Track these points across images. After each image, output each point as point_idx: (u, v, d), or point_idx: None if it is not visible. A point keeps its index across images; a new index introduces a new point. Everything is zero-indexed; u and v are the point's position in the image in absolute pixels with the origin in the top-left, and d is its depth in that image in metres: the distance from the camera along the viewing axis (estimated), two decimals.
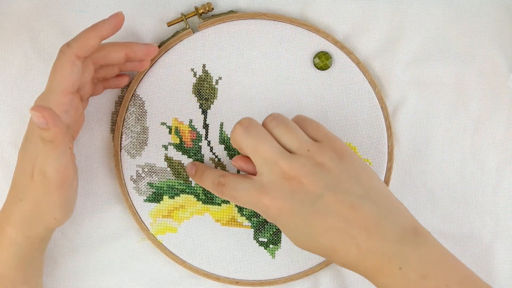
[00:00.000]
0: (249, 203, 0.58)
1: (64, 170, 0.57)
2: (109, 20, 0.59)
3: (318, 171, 0.56)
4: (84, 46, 0.58)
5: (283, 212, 0.56)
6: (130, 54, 0.62)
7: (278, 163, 0.56)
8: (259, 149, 0.57)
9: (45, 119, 0.53)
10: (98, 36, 0.58)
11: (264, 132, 0.58)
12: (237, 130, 0.58)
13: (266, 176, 0.57)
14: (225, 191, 0.60)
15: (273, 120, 0.59)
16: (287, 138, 0.57)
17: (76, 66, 0.58)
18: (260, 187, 0.57)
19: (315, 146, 0.57)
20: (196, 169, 0.65)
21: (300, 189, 0.56)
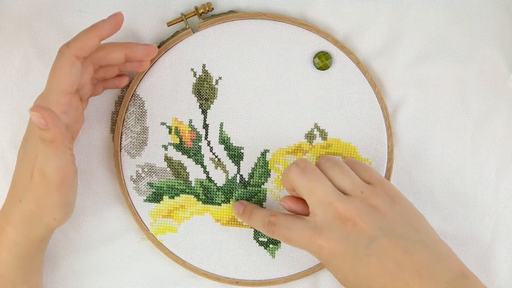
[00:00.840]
0: (302, 244, 0.58)
1: (64, 171, 0.57)
2: (109, 20, 0.59)
3: (372, 213, 0.56)
4: (83, 46, 0.58)
5: (337, 254, 0.56)
6: (129, 55, 0.61)
7: (334, 204, 0.57)
8: (314, 190, 0.57)
9: (44, 119, 0.53)
10: (98, 36, 0.58)
11: (319, 173, 0.58)
12: (293, 171, 0.59)
13: (321, 217, 0.57)
14: (276, 231, 0.60)
15: (327, 161, 0.60)
16: (342, 179, 0.58)
17: (75, 66, 0.58)
18: (314, 228, 0.57)
19: (368, 189, 0.58)
20: (244, 208, 0.65)
21: (354, 230, 0.56)
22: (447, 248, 0.57)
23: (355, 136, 0.66)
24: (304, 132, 0.67)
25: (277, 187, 0.67)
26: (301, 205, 0.61)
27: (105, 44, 0.61)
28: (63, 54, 0.58)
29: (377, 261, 0.55)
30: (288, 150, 0.67)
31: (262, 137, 0.67)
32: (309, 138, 0.67)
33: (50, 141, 0.55)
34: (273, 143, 0.67)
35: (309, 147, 0.67)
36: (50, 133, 0.54)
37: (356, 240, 0.56)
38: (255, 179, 0.67)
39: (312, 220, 0.58)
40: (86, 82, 0.61)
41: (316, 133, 0.67)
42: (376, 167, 0.66)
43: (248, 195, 0.67)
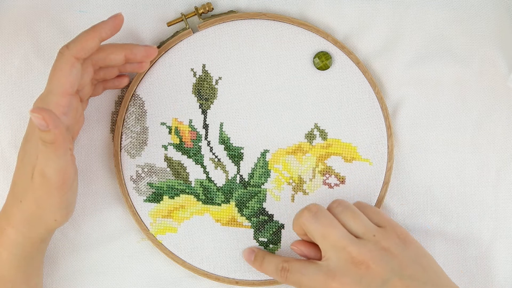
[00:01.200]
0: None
1: (64, 171, 0.57)
2: (109, 22, 0.59)
3: (384, 255, 0.57)
4: (83, 47, 0.58)
5: None
6: (129, 56, 0.61)
7: (347, 249, 0.57)
8: (327, 235, 0.58)
9: (45, 121, 0.53)
10: (98, 37, 0.58)
11: (331, 217, 0.59)
12: (305, 215, 0.59)
13: (334, 261, 0.57)
14: (289, 276, 0.60)
15: (338, 206, 0.60)
16: (354, 223, 0.59)
17: (75, 67, 0.58)
18: (328, 272, 0.57)
19: (380, 232, 0.58)
20: (256, 255, 0.65)
21: (368, 273, 0.56)
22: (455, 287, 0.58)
23: (355, 136, 0.66)
24: (304, 132, 0.67)
25: (277, 187, 0.67)
26: (313, 250, 0.61)
27: (105, 45, 0.61)
28: (63, 55, 0.58)
29: None
30: (288, 150, 0.67)
31: (262, 137, 0.67)
32: (309, 138, 0.67)
33: (51, 142, 0.55)
34: (273, 143, 0.67)
35: (309, 147, 0.67)
36: (51, 134, 0.54)
37: (370, 283, 0.56)
38: (255, 179, 0.67)
39: (325, 265, 0.58)
40: (86, 83, 0.61)
41: (316, 133, 0.67)
42: (376, 167, 0.66)
43: (248, 195, 0.67)
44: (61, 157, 0.56)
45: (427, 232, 0.67)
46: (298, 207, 0.66)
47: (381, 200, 0.66)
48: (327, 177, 0.67)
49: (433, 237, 0.67)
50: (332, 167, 0.67)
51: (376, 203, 0.66)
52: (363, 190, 0.66)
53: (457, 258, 0.67)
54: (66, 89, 0.58)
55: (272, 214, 0.67)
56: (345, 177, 0.67)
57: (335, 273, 0.57)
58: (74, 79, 0.58)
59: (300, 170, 0.67)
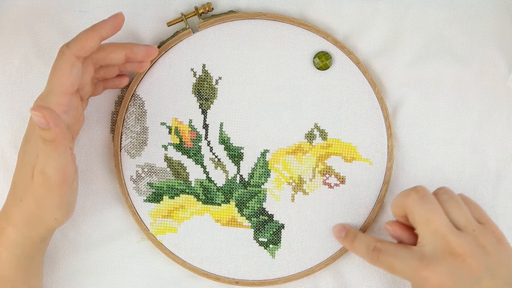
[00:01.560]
0: (407, 273, 0.58)
1: (64, 170, 0.57)
2: (109, 21, 0.59)
3: (481, 252, 0.56)
4: (83, 46, 0.58)
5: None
6: (130, 55, 0.61)
7: (447, 238, 0.56)
8: (430, 220, 0.57)
9: (45, 119, 0.53)
10: (98, 36, 0.58)
11: (437, 204, 0.58)
12: (412, 197, 0.58)
13: (430, 248, 0.57)
14: (381, 258, 0.59)
15: (444, 194, 0.59)
16: (457, 214, 0.58)
17: (75, 67, 0.58)
18: (422, 258, 0.57)
19: (479, 228, 0.58)
20: (347, 232, 0.64)
21: (463, 267, 0.56)
22: None
23: (355, 136, 0.66)
24: (304, 132, 0.67)
25: (277, 187, 0.67)
26: (408, 234, 0.60)
27: (106, 44, 0.61)
28: (63, 54, 0.58)
29: None
30: (288, 150, 0.67)
31: (262, 137, 0.67)
32: (309, 138, 0.67)
33: (51, 140, 0.55)
34: (273, 143, 0.67)
35: (309, 147, 0.67)
36: (51, 132, 0.54)
37: (463, 277, 0.56)
38: (255, 179, 0.67)
39: (421, 251, 0.57)
40: (86, 82, 0.61)
41: (316, 133, 0.67)
42: (376, 167, 0.66)
43: (248, 195, 0.67)
44: (61, 156, 0.56)
45: None
46: (298, 207, 0.67)
47: (381, 200, 0.66)
48: (327, 177, 0.67)
49: None
50: (332, 167, 0.67)
51: (376, 203, 0.66)
52: (363, 190, 0.66)
53: None
54: (66, 88, 0.58)
55: (272, 214, 0.67)
56: (345, 177, 0.67)
57: (430, 260, 0.56)
58: (75, 78, 0.58)
59: (300, 170, 0.67)
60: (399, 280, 0.67)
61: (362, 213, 0.66)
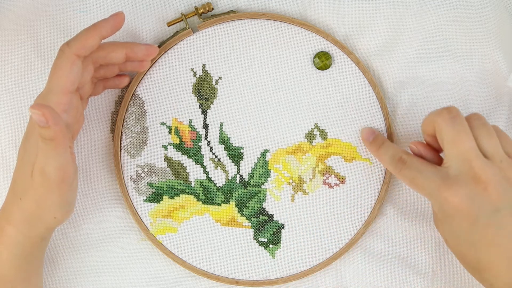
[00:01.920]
0: (426, 190, 0.57)
1: (64, 169, 0.57)
2: (110, 20, 0.59)
3: (505, 185, 0.56)
4: (84, 45, 0.58)
5: (459, 212, 0.56)
6: (130, 54, 0.62)
7: (472, 162, 0.56)
8: (458, 143, 0.56)
9: (45, 117, 0.53)
10: (98, 35, 0.58)
11: (467, 127, 0.57)
12: (444, 115, 0.57)
13: (454, 170, 0.56)
14: (404, 170, 0.59)
15: (477, 119, 0.58)
16: (486, 142, 0.57)
17: (75, 65, 0.58)
18: (445, 178, 0.56)
19: (507, 161, 0.57)
20: (375, 137, 0.64)
21: (484, 195, 0.55)
22: None
23: (355, 136, 0.66)
24: (304, 132, 0.67)
25: (277, 187, 0.67)
26: (432, 154, 0.60)
27: (106, 43, 0.61)
28: (63, 53, 0.58)
29: (494, 232, 0.55)
30: (288, 150, 0.67)
31: (262, 137, 0.67)
32: (309, 138, 0.67)
33: (51, 139, 0.55)
34: (273, 143, 0.67)
35: (309, 147, 0.67)
36: (51, 131, 0.54)
37: (482, 205, 0.55)
38: (255, 179, 0.67)
39: (445, 171, 0.57)
40: (86, 81, 0.61)
41: (316, 133, 0.67)
42: (376, 167, 0.66)
43: (248, 195, 0.67)
44: (61, 155, 0.56)
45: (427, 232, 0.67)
46: (298, 207, 0.67)
47: (381, 200, 0.66)
48: (327, 177, 0.67)
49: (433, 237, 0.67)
50: (332, 167, 0.67)
51: (376, 203, 0.66)
52: (363, 190, 0.66)
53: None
54: (66, 87, 0.58)
55: (272, 214, 0.67)
56: (345, 177, 0.67)
57: (453, 182, 0.56)
58: (75, 77, 0.58)
59: (300, 170, 0.67)
60: (400, 280, 0.67)
61: (362, 213, 0.66)
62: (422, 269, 0.67)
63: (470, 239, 0.56)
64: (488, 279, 0.57)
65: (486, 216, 0.55)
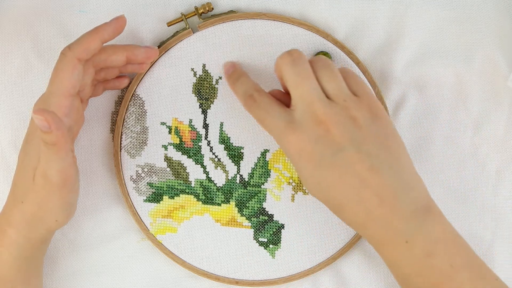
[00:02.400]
0: (274, 132, 0.57)
1: (66, 173, 0.57)
2: (111, 24, 0.59)
3: (349, 124, 0.55)
4: (86, 49, 0.58)
5: (303, 154, 0.55)
6: (131, 57, 0.62)
7: (313, 105, 0.55)
8: (299, 85, 0.56)
9: (47, 122, 0.53)
10: (100, 39, 0.58)
11: (309, 69, 0.56)
12: (284, 59, 0.57)
13: (299, 114, 0.56)
14: (253, 108, 0.58)
15: (319, 61, 0.58)
16: (328, 82, 0.56)
17: (77, 69, 0.58)
18: (290, 122, 0.56)
19: (352, 99, 0.56)
20: (234, 70, 0.63)
21: (326, 136, 0.55)
22: (418, 180, 0.56)
23: None
24: None
25: (277, 187, 0.67)
26: (287, 98, 0.59)
27: (107, 46, 0.61)
28: (65, 56, 0.58)
29: (339, 171, 0.54)
30: None
31: (262, 137, 0.67)
32: None
33: (53, 144, 0.55)
34: (273, 143, 0.67)
35: None
36: (53, 136, 0.54)
37: (325, 146, 0.54)
38: (255, 179, 0.67)
39: (290, 114, 0.56)
40: (87, 84, 0.61)
41: None
42: None
43: (248, 195, 0.67)
44: (63, 159, 0.56)
45: None
46: (298, 207, 0.67)
47: None
48: None
49: None
50: None
51: None
52: None
53: None
54: (68, 91, 0.58)
55: (272, 214, 0.67)
56: None
57: (296, 125, 0.55)
58: (76, 80, 0.58)
59: None
60: None
61: None
62: None
63: (319, 181, 0.55)
64: (346, 218, 0.56)
65: (329, 157, 0.54)
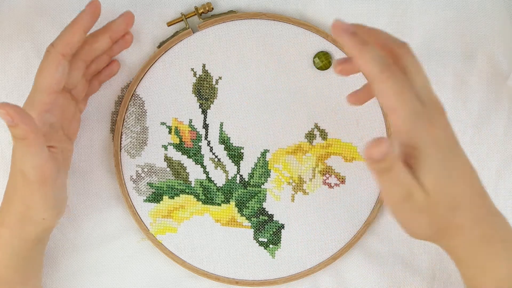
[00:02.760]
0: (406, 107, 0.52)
1: (42, 169, 0.55)
2: (87, 10, 0.59)
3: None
4: (68, 43, 0.58)
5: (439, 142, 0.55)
6: (112, 35, 0.62)
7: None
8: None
9: (10, 116, 0.52)
10: (81, 29, 0.58)
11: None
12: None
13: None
14: (393, 77, 0.51)
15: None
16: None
17: (61, 65, 0.58)
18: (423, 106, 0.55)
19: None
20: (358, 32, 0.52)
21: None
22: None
23: (355, 136, 0.66)
24: (304, 132, 0.67)
25: (277, 187, 0.67)
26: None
27: (87, 37, 0.61)
28: (49, 53, 0.58)
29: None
30: (288, 150, 0.67)
31: (262, 137, 0.67)
32: (309, 138, 0.67)
33: (22, 138, 0.53)
34: (273, 143, 0.67)
35: (309, 147, 0.67)
36: (20, 130, 0.53)
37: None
38: (255, 179, 0.67)
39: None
40: (77, 80, 0.61)
41: (316, 133, 0.67)
42: None
43: (248, 195, 0.67)
44: (37, 154, 0.55)
45: None
46: (298, 207, 0.67)
47: (381, 200, 0.66)
48: (327, 177, 0.67)
49: None
50: (332, 167, 0.67)
51: (376, 203, 0.66)
52: (363, 190, 0.66)
53: None
54: (50, 87, 0.58)
55: (272, 214, 0.67)
56: (345, 177, 0.67)
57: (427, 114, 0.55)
58: (60, 76, 0.58)
59: (300, 170, 0.67)
60: (400, 280, 0.67)
61: (362, 213, 0.66)
62: (422, 269, 0.67)
63: (448, 174, 0.54)
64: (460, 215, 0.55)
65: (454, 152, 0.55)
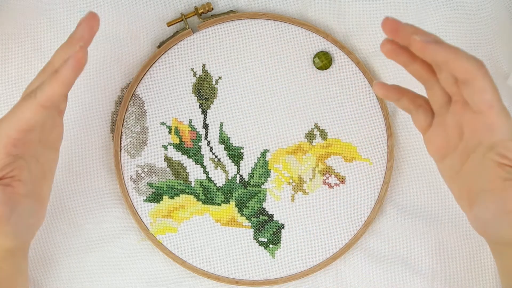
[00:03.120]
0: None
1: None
2: (69, 64, 0.52)
3: None
4: (49, 98, 0.53)
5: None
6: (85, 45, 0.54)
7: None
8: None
9: None
10: (64, 86, 0.53)
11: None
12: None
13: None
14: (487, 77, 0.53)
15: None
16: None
17: (38, 114, 0.54)
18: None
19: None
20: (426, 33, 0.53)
21: None
22: None
23: (355, 136, 0.66)
24: (304, 132, 0.67)
25: (277, 187, 0.67)
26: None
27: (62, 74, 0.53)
28: (26, 102, 0.53)
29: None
30: (288, 150, 0.67)
31: (262, 137, 0.67)
32: (309, 138, 0.67)
33: None
34: (273, 143, 0.67)
35: (309, 147, 0.67)
36: None
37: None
38: (255, 179, 0.67)
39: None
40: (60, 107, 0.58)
41: (316, 133, 0.67)
42: (376, 167, 0.66)
43: (248, 195, 0.67)
44: None
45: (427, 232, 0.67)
46: (298, 207, 0.67)
47: (381, 200, 0.66)
48: (327, 177, 0.67)
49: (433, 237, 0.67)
50: (332, 166, 0.67)
51: (376, 203, 0.66)
52: (363, 190, 0.66)
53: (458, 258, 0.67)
54: (21, 128, 0.54)
55: (272, 214, 0.67)
56: (345, 177, 0.67)
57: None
58: (36, 122, 0.54)
59: (300, 169, 0.67)
60: (400, 280, 0.67)
61: (362, 213, 0.66)
62: (422, 269, 0.67)
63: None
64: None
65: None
